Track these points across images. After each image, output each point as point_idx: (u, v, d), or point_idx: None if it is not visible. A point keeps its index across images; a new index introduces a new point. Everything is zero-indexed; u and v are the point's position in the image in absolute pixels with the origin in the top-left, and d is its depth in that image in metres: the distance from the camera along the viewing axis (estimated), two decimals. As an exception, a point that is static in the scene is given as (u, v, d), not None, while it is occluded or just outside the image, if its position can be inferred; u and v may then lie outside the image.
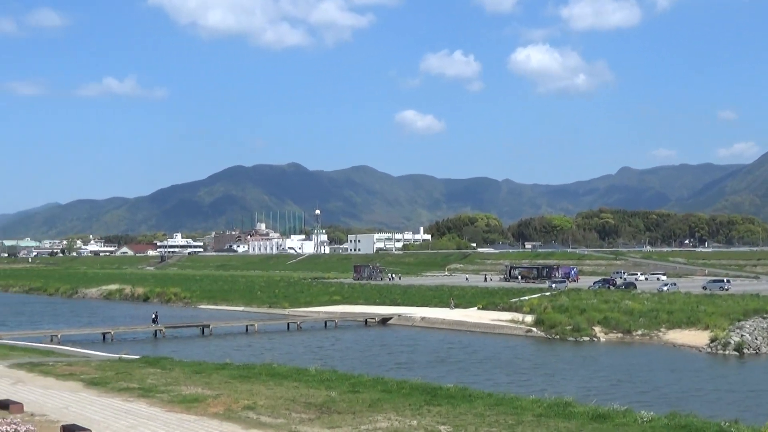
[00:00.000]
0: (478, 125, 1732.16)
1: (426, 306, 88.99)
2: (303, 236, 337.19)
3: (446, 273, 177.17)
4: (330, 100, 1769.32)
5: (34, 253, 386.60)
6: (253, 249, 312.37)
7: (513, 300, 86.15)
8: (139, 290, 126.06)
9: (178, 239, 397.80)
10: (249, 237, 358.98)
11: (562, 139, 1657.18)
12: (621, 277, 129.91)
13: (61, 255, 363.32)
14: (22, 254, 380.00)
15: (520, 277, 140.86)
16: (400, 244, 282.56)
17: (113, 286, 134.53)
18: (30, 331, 73.28)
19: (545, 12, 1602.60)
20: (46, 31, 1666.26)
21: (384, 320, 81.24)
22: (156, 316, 75.18)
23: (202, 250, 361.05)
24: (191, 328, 75.77)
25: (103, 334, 70.29)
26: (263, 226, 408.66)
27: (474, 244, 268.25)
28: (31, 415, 27.17)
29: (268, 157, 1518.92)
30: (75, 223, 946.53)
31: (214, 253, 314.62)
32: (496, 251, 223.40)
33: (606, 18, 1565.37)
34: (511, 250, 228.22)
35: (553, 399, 27.89)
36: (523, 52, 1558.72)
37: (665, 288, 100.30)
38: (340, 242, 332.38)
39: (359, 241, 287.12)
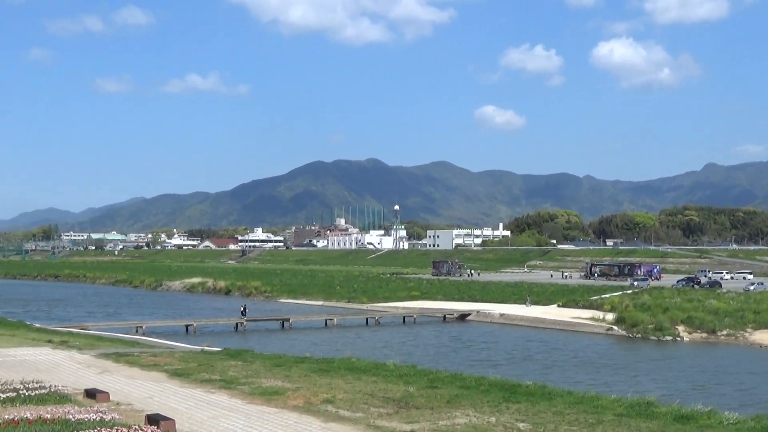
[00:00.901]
0: (558, 120, 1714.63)
1: (505, 303, 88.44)
2: (382, 232, 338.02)
3: (525, 270, 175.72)
4: (409, 95, 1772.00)
5: (121, 246, 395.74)
6: (333, 244, 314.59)
7: (594, 298, 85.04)
8: (221, 284, 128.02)
9: (259, 234, 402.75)
10: (328, 232, 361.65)
11: (645, 135, 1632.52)
12: (706, 276, 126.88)
13: (146, 248, 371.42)
14: (108, 247, 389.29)
15: (600, 274, 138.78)
16: (479, 240, 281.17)
17: (196, 279, 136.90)
18: (116, 322, 75.16)
19: (629, 5, 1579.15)
20: (132, 29, 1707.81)
21: (462, 316, 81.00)
22: (245, 309, 76.48)
23: (282, 244, 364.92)
24: (272, 322, 76.67)
25: (186, 326, 71.62)
26: (342, 221, 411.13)
27: (554, 241, 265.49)
28: (117, 404, 27.86)
29: (347, 153, 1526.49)
30: (159, 217, 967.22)
31: (294, 248, 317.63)
32: (577, 248, 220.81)
33: (692, 10, 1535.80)
34: (591, 247, 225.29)
35: (634, 399, 27.41)
36: (606, 46, 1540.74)
37: (752, 287, 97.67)
38: (419, 238, 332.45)
39: (438, 236, 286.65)
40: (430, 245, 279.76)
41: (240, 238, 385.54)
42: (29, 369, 36.57)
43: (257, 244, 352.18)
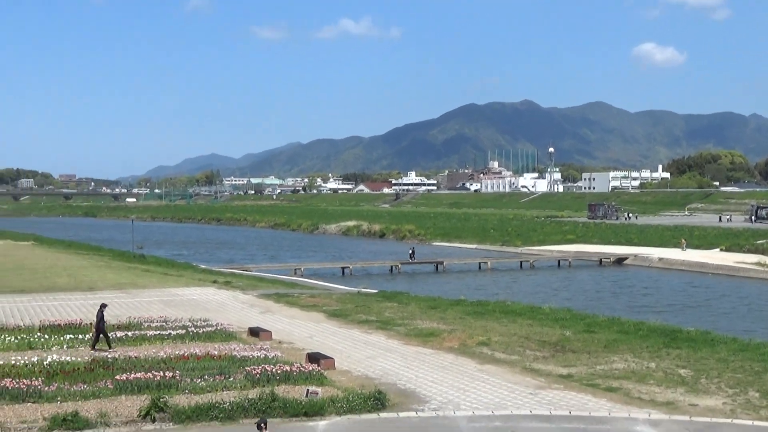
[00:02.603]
0: (723, 57, 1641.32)
1: (664, 247, 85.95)
2: (536, 174, 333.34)
3: (686, 213, 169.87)
4: (564, 34, 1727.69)
5: (278, 191, 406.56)
6: (486, 187, 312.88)
7: (760, 242, 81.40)
8: (376, 227, 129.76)
9: (413, 177, 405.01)
10: (482, 175, 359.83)
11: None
12: None
13: (302, 192, 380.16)
14: (267, 191, 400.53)
15: (767, 217, 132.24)
16: (636, 183, 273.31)
17: (351, 223, 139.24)
18: (276, 264, 77.61)
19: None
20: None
21: (619, 260, 79.31)
22: (413, 252, 77.54)
23: (435, 188, 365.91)
24: (426, 265, 77.29)
25: (343, 269, 73.15)
26: (496, 164, 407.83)
27: (717, 183, 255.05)
28: (279, 342, 28.86)
29: (501, 95, 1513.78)
30: (315, 162, 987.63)
31: (447, 191, 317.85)
32: (741, 190, 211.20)
33: None
34: (758, 190, 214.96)
35: (805, 347, 26.26)
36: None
37: None
38: (574, 180, 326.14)
39: (594, 179, 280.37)
40: (585, 188, 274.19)
41: (394, 181, 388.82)
42: (196, 308, 38.35)
43: (411, 187, 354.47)
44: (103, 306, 27.64)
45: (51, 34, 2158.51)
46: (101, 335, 27.02)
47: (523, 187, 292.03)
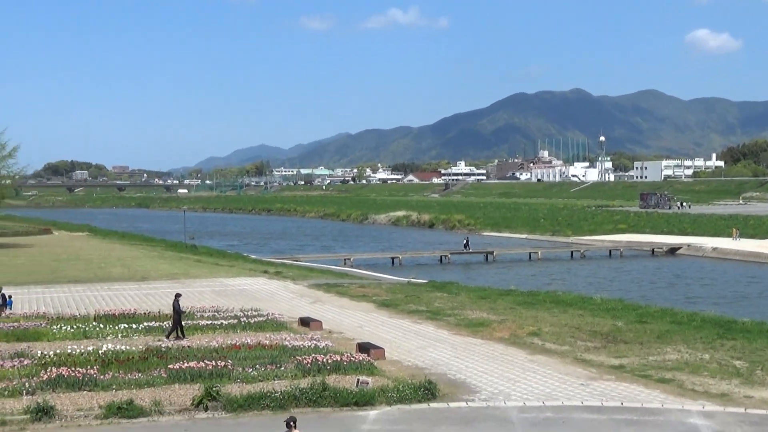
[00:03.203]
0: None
1: (718, 236, 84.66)
2: (586, 164, 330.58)
3: (740, 201, 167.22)
4: (616, 21, 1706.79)
5: (328, 181, 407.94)
6: (536, 177, 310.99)
7: (817, 231, 79.84)
8: (425, 217, 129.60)
9: (462, 167, 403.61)
10: (531, 164, 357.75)
11: None
12: None
13: (351, 182, 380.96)
14: (316, 182, 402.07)
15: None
16: (689, 172, 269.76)
17: (400, 213, 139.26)
18: (325, 254, 77.95)
19: None
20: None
21: (672, 250, 78.30)
22: (467, 242, 77.45)
23: (485, 177, 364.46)
24: (476, 255, 77.06)
25: (392, 259, 73.23)
26: (546, 153, 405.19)
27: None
28: (329, 332, 29.02)
29: (550, 84, 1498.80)
30: (364, 152, 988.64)
31: (497, 181, 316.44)
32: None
33: None
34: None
35: None
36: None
37: None
38: (625, 169, 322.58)
39: (646, 168, 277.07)
40: (637, 177, 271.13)
41: (443, 171, 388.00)
42: (248, 298, 38.70)
43: (460, 177, 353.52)
44: (178, 296, 28.10)
45: (103, 27, 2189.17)
46: (178, 325, 27.49)
47: (573, 176, 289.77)
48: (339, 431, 17.51)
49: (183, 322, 28.00)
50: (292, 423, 13.58)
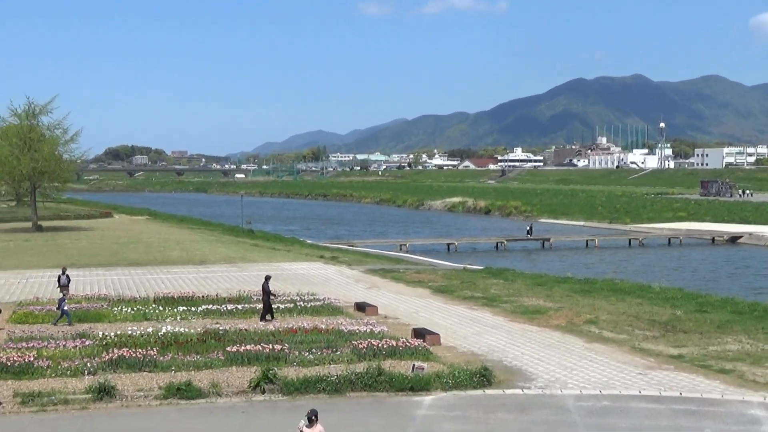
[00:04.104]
0: None
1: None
2: (646, 150, 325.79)
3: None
4: (677, 5, 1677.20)
5: (384, 167, 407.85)
6: (594, 163, 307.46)
7: None
8: (481, 203, 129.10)
9: (518, 153, 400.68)
10: (589, 151, 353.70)
11: None
12: None
13: (407, 168, 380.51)
14: (372, 168, 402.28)
15: None
16: (752, 159, 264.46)
17: (456, 199, 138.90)
18: (381, 239, 78.12)
19: None
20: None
21: (733, 239, 76.91)
22: (531, 228, 77.12)
23: (542, 164, 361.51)
24: (532, 242, 76.56)
25: (448, 245, 73.10)
26: (604, 140, 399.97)
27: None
28: (385, 317, 29.10)
29: (610, 69, 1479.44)
30: (420, 138, 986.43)
31: (554, 168, 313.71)
32: None
33: None
34: None
35: None
36: None
37: None
38: (686, 157, 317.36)
39: (707, 155, 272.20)
40: (697, 164, 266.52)
41: (499, 158, 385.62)
42: (304, 282, 38.95)
43: (516, 164, 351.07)
44: (268, 278, 28.58)
45: (164, 14, 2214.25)
46: (268, 306, 28.05)
47: (632, 163, 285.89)
48: (395, 416, 17.56)
49: (237, 306, 28.35)
50: (314, 417, 13.40)
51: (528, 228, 78.74)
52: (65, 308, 27.55)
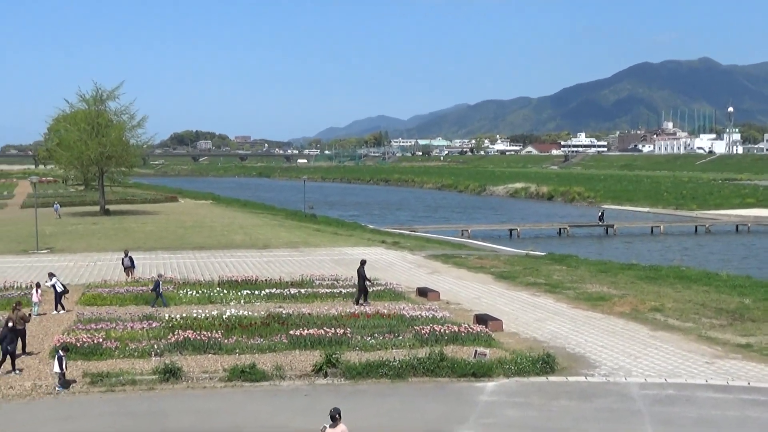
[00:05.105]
0: None
1: None
2: (713, 136, 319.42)
3: None
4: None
5: (445, 152, 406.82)
6: (659, 149, 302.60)
7: None
8: (543, 189, 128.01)
9: (582, 139, 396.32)
10: (655, 136, 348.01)
11: None
12: None
13: (469, 154, 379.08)
14: (434, 153, 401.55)
15: None
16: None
17: (518, 185, 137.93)
18: (443, 225, 77.97)
19: None
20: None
21: (804, 226, 75.16)
22: (602, 214, 76.33)
23: (605, 149, 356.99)
24: (596, 228, 75.72)
25: (510, 231, 72.64)
26: (670, 125, 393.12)
27: None
28: (447, 303, 29.07)
29: (677, 53, 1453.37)
30: (482, 123, 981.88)
31: (618, 153, 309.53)
32: None
33: None
34: None
35: None
36: None
37: None
38: (755, 142, 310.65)
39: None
40: (766, 149, 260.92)
41: (562, 143, 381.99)
42: (366, 267, 38.98)
43: (580, 149, 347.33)
44: (363, 262, 28.84)
45: (229, 0, 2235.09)
46: (363, 290, 28.36)
47: (699, 148, 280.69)
48: (456, 401, 17.56)
49: (300, 290, 28.48)
50: (337, 416, 13.10)
51: (600, 213, 77.67)
52: (160, 291, 28.01)
